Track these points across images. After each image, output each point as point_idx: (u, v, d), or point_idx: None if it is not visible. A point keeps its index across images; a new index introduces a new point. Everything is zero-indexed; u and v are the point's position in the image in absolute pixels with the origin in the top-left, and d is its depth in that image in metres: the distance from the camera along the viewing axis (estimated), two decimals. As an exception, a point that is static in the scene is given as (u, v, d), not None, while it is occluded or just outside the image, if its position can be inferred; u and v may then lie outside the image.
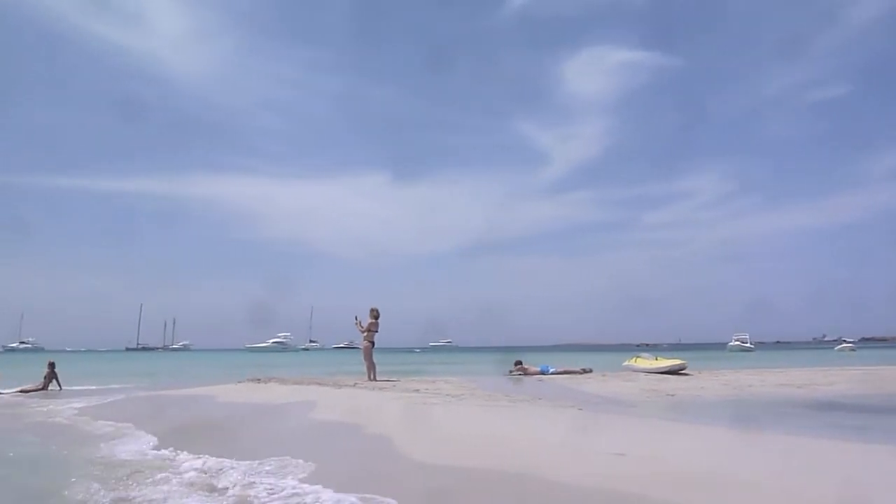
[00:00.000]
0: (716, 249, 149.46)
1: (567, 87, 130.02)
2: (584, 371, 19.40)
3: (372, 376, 15.03)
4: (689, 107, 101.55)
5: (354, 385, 13.93)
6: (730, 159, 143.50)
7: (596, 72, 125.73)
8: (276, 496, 5.17)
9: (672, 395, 13.03)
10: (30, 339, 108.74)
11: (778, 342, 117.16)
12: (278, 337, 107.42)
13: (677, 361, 19.39)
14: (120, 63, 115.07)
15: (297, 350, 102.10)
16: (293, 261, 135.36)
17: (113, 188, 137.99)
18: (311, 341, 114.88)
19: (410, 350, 79.57)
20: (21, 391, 18.14)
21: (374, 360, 15.19)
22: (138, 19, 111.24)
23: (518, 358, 19.84)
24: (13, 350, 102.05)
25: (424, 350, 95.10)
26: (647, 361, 20.02)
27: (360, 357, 15.49)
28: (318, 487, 5.29)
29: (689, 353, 33.15)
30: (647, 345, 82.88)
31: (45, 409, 13.20)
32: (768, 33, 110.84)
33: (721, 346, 71.14)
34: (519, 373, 19.07)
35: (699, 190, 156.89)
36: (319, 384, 14.43)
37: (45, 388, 18.47)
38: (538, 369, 19.24)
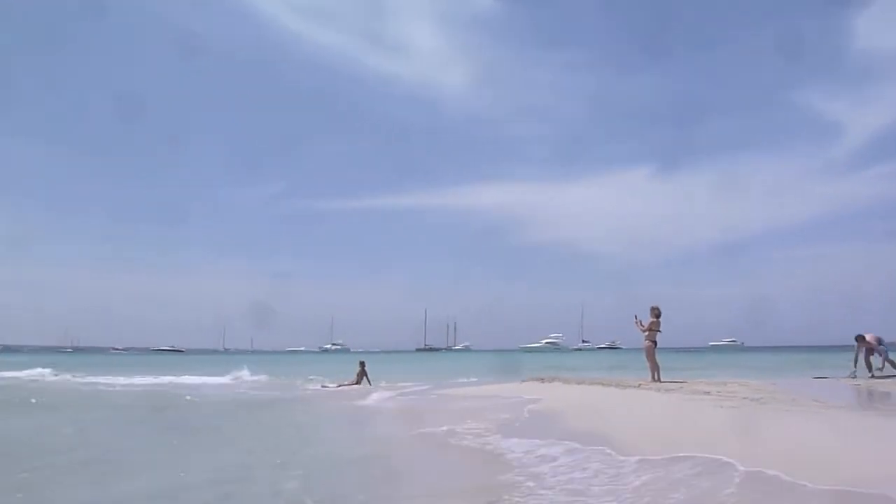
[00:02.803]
0: None
1: (860, 43, 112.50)
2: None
3: (656, 377, 14.55)
4: None
5: (639, 386, 13.62)
6: None
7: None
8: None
9: None
10: (339, 342, 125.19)
11: None
12: (550, 337, 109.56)
13: None
14: (391, 89, 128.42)
15: (569, 350, 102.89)
16: (562, 262, 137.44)
17: (392, 205, 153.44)
18: (583, 341, 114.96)
19: (690, 350, 75.18)
20: (340, 385, 21.13)
21: (658, 360, 14.72)
22: (405, 47, 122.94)
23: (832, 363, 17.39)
24: (326, 351, 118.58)
25: (704, 350, 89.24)
26: None
27: (643, 357, 15.12)
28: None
29: None
30: None
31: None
32: None
33: None
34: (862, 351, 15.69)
35: None
36: (602, 385, 14.39)
37: (358, 383, 21.19)
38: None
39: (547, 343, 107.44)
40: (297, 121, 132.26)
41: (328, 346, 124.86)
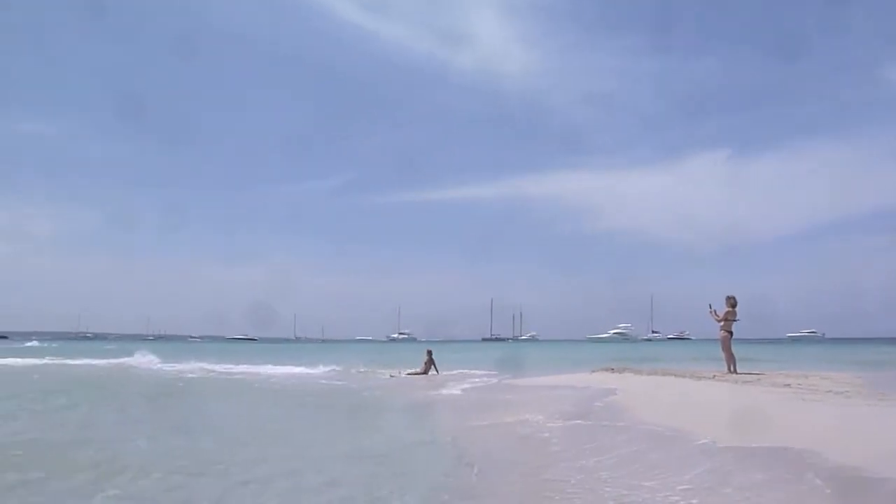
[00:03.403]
0: None
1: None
2: None
3: (732, 368, 14.22)
4: None
5: (713, 377, 13.30)
6: None
7: None
8: None
9: None
10: (406, 331, 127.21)
11: None
12: (618, 328, 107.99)
13: None
14: (453, 78, 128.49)
15: (637, 340, 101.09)
16: (631, 251, 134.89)
17: (456, 195, 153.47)
18: (653, 332, 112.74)
19: (767, 341, 72.54)
20: (409, 374, 21.49)
21: (734, 351, 14.36)
22: (465, 36, 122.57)
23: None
24: (394, 340, 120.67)
25: (782, 341, 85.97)
26: None
27: (715, 347, 14.79)
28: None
29: None
30: None
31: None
32: None
33: None
34: None
35: None
36: (676, 376, 14.13)
37: (425, 372, 21.50)
38: None
39: (615, 333, 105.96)
40: (358, 112, 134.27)
41: (395, 335, 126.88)
